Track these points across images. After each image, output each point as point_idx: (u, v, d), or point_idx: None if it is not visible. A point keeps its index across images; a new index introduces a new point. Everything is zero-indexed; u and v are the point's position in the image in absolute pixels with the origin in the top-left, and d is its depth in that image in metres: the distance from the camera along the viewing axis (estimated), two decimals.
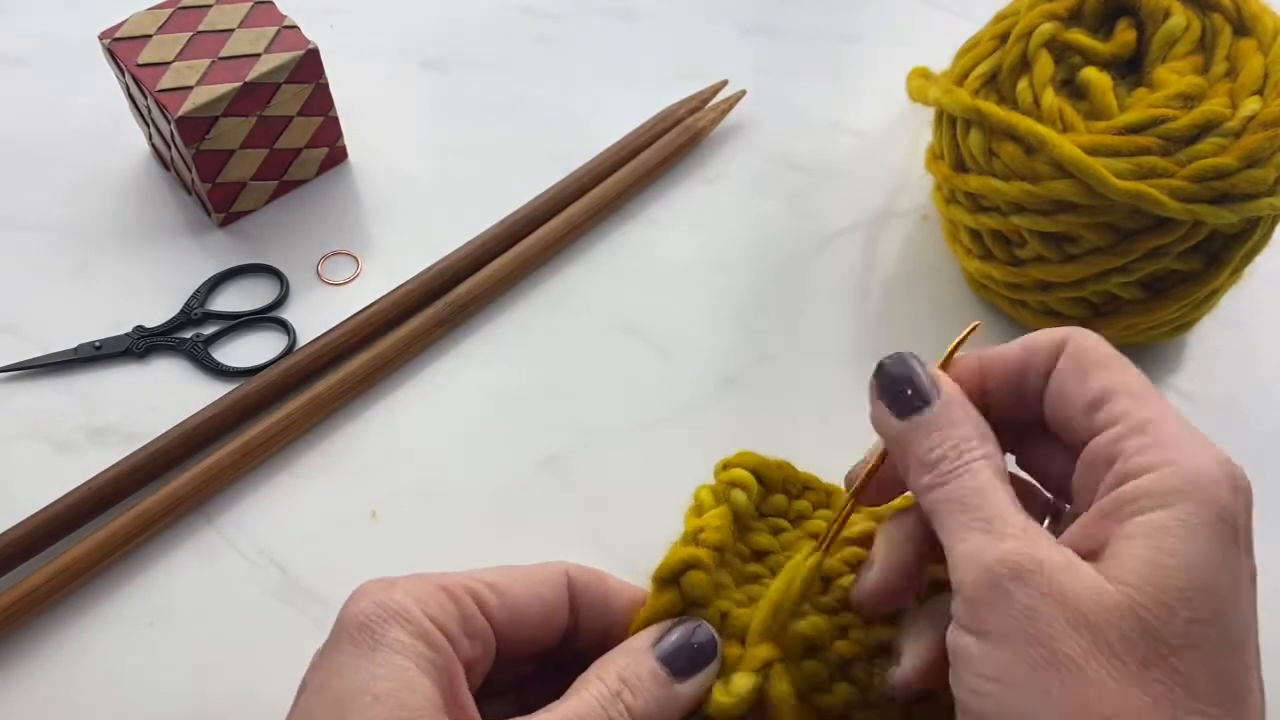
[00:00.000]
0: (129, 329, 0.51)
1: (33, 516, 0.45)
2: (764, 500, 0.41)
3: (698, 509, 0.39)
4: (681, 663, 0.33)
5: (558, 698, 0.32)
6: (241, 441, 0.47)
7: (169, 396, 0.49)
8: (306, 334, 0.51)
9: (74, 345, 0.51)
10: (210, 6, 0.54)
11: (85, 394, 0.50)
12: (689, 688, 0.33)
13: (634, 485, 0.44)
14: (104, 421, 0.49)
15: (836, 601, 0.38)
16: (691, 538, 0.37)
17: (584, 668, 0.34)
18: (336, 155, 0.57)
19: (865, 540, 0.39)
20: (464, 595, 0.33)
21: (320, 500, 0.47)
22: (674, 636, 0.34)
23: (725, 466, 0.40)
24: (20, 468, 0.48)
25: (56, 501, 0.45)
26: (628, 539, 0.43)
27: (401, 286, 0.52)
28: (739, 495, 0.39)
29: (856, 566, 0.38)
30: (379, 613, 0.31)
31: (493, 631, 0.33)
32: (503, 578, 0.34)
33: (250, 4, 0.54)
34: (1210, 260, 0.45)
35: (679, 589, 0.36)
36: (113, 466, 0.46)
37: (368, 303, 0.52)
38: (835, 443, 0.46)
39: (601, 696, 0.32)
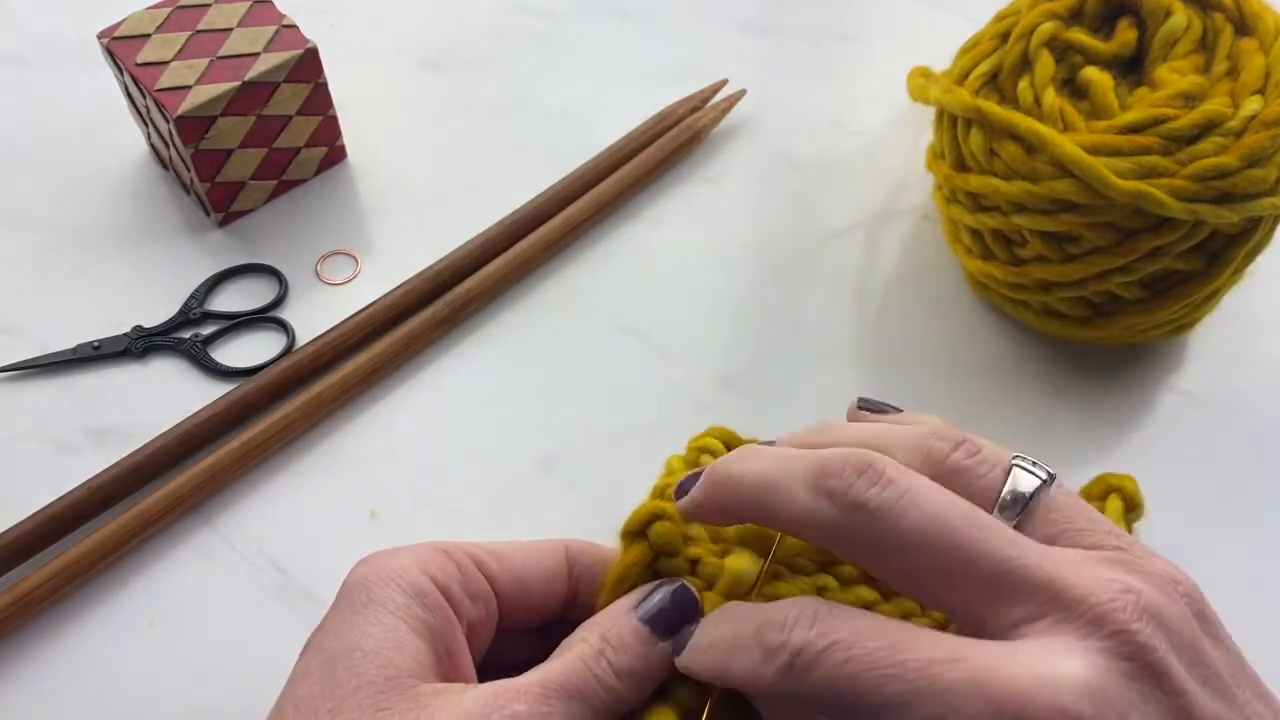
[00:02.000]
0: (128, 329, 0.51)
1: (32, 516, 0.45)
2: None
3: (668, 473, 0.41)
4: (664, 622, 0.33)
5: None
6: (241, 442, 0.47)
7: (168, 396, 0.49)
8: (306, 334, 0.51)
9: (73, 345, 0.51)
10: (209, 6, 0.54)
11: (84, 394, 0.50)
12: (670, 645, 0.33)
13: (634, 485, 0.44)
14: (103, 421, 0.49)
15: (813, 563, 0.39)
16: (658, 493, 0.39)
17: None
18: (336, 155, 0.57)
19: None
20: (464, 558, 0.33)
21: (320, 500, 0.47)
22: (656, 597, 0.34)
23: (700, 437, 0.42)
24: (19, 468, 0.48)
25: (56, 501, 0.45)
26: None
27: (401, 286, 0.52)
28: (708, 460, 0.40)
29: None
30: (378, 574, 0.32)
31: (495, 595, 0.34)
32: (503, 546, 0.35)
33: (249, 3, 0.54)
34: (1211, 260, 0.45)
35: (647, 540, 0.37)
36: (112, 466, 0.46)
37: (367, 303, 0.52)
38: None
39: (585, 655, 0.32)
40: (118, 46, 0.52)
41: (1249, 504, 0.46)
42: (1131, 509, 0.41)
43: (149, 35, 0.52)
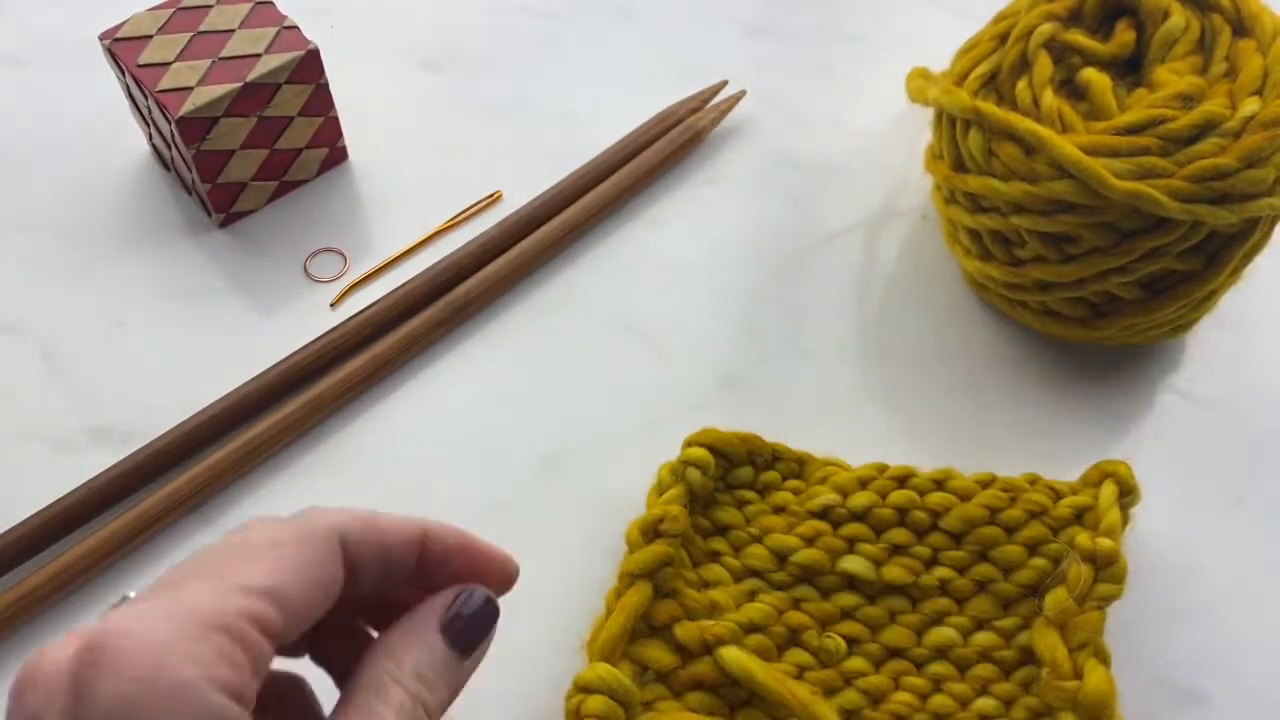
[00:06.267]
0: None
1: (33, 516, 0.45)
2: (729, 473, 0.44)
3: (659, 487, 0.43)
4: (469, 640, 0.30)
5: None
6: (241, 441, 0.47)
7: (169, 397, 0.49)
8: (304, 334, 0.51)
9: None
10: (211, 7, 0.54)
11: (85, 394, 0.50)
12: (472, 663, 0.30)
13: (634, 484, 0.44)
14: (104, 421, 0.49)
15: (791, 576, 0.41)
16: (652, 530, 0.41)
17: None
18: (337, 155, 0.57)
19: (825, 513, 0.42)
20: (249, 629, 0.25)
21: (320, 500, 0.47)
22: (461, 613, 0.30)
23: (689, 444, 0.43)
24: (20, 468, 0.48)
25: (56, 501, 0.45)
26: None
27: (401, 287, 0.52)
28: (694, 474, 0.42)
29: (814, 540, 0.42)
30: (151, 699, 0.23)
31: (274, 648, 0.27)
32: (277, 578, 0.26)
33: (250, 4, 0.54)
34: (1210, 260, 0.45)
35: (652, 581, 0.39)
36: (113, 466, 0.46)
37: (368, 303, 0.52)
38: (835, 442, 0.46)
39: (403, 710, 0.28)
40: (119, 47, 0.52)
41: (1247, 503, 0.46)
42: (1126, 494, 0.42)
43: (151, 36, 0.53)
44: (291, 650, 0.31)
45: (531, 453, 0.48)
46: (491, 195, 0.56)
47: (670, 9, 0.66)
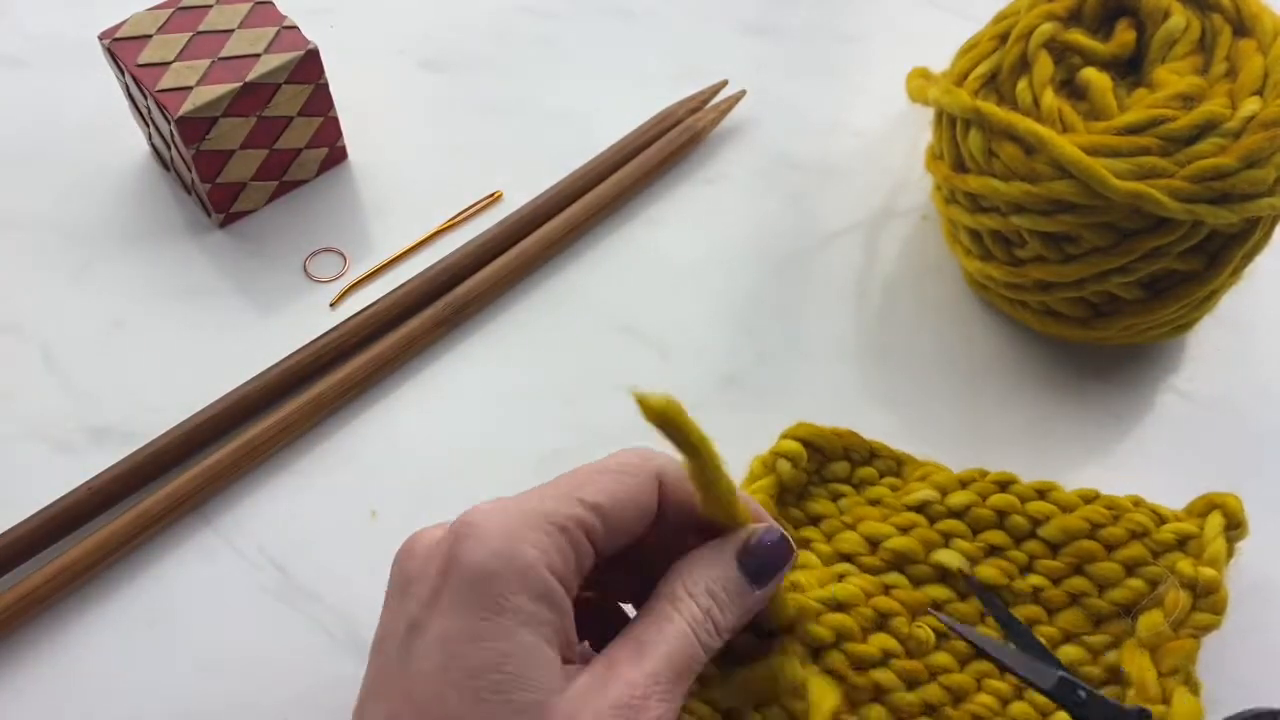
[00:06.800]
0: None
1: (33, 516, 0.45)
2: (824, 467, 0.44)
3: (750, 478, 0.43)
4: (765, 573, 0.33)
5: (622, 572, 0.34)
6: (241, 441, 0.47)
7: (169, 397, 0.49)
8: (304, 334, 0.51)
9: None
10: (210, 7, 0.54)
11: (85, 394, 0.50)
12: (764, 594, 0.34)
13: None
14: (104, 421, 0.49)
15: (883, 561, 0.41)
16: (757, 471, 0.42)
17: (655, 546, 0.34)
18: (336, 155, 0.57)
19: (922, 507, 0.42)
20: (579, 532, 0.31)
21: (320, 500, 0.47)
22: (756, 544, 0.33)
23: (784, 437, 0.43)
24: (20, 468, 0.48)
25: (56, 501, 0.45)
26: None
27: (401, 286, 0.52)
28: (784, 466, 0.42)
29: (908, 530, 0.41)
30: (502, 569, 0.30)
31: (595, 556, 0.32)
32: (605, 497, 0.32)
33: (250, 4, 0.54)
34: (1210, 260, 0.45)
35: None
36: (113, 466, 0.46)
37: (368, 303, 0.52)
38: None
39: (694, 620, 0.32)
40: (119, 47, 0.52)
41: (1247, 504, 0.46)
42: (1234, 527, 0.41)
43: (150, 36, 0.52)
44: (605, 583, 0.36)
45: (531, 452, 0.48)
46: (491, 195, 0.56)
47: (670, 9, 0.66)
